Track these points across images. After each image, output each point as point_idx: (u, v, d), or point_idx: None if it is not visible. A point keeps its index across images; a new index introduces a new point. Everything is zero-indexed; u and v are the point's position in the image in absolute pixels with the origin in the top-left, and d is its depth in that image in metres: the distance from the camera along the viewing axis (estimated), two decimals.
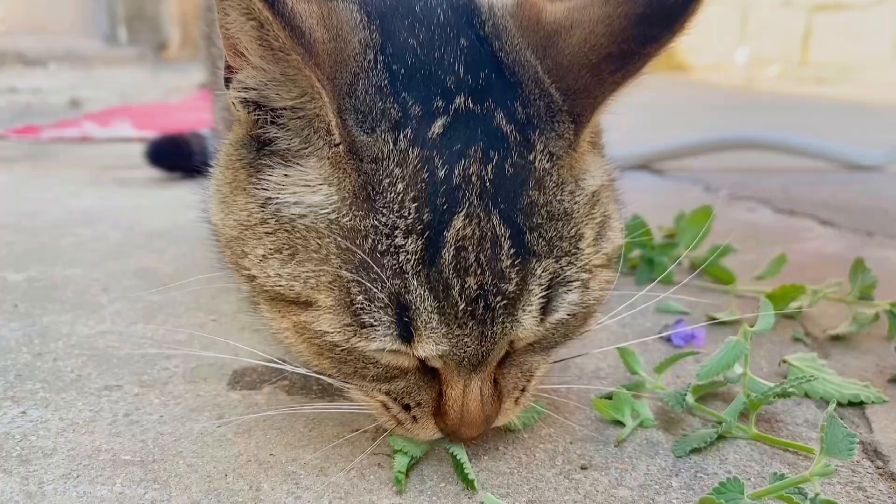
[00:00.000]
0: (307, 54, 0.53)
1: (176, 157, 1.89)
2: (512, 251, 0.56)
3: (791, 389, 0.70)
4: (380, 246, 0.55)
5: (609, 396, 0.77)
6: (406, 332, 0.56)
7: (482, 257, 0.55)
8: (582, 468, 0.66)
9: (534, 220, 0.57)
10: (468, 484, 0.63)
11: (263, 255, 0.60)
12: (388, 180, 0.55)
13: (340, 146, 0.56)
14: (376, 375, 0.62)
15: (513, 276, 0.56)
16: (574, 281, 0.59)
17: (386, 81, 0.58)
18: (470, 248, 0.55)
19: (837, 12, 5.85)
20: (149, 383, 0.81)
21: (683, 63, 6.63)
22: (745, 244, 1.22)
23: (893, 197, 1.87)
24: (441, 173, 0.55)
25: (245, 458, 0.67)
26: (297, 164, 0.59)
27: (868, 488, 0.63)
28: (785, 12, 6.08)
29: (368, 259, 0.55)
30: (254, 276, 0.61)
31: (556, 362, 0.70)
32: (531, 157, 0.58)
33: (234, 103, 0.60)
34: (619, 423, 0.73)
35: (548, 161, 0.59)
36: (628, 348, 0.79)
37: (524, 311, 0.57)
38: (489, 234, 0.55)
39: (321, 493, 0.62)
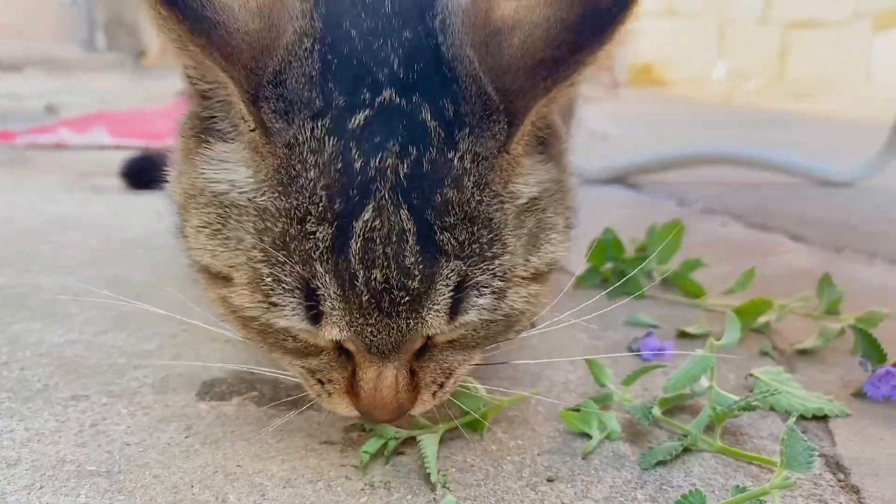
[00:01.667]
0: (210, 45, 0.54)
1: (152, 174, 1.87)
2: (418, 248, 0.56)
3: (755, 402, 0.71)
4: (291, 230, 0.56)
5: (577, 408, 0.77)
6: (313, 316, 0.57)
7: (388, 250, 0.56)
8: (548, 480, 0.67)
9: (446, 219, 0.57)
10: (427, 479, 0.64)
11: (197, 227, 0.62)
12: (300, 166, 0.56)
13: (256, 131, 0.58)
14: (294, 349, 0.63)
15: (416, 273, 0.56)
16: (487, 287, 0.59)
17: (316, 71, 0.58)
18: (377, 240, 0.56)
19: (813, 29, 5.95)
20: (117, 393, 0.81)
21: (661, 78, 6.70)
22: (716, 258, 1.24)
23: (864, 213, 1.90)
24: (357, 165, 0.56)
25: (212, 469, 0.67)
26: (227, 142, 0.61)
27: (829, 501, 0.64)
28: (762, 29, 6.16)
29: (279, 242, 0.57)
30: (191, 247, 0.64)
31: (500, 363, 0.74)
32: (451, 156, 0.58)
33: (185, 77, 0.62)
34: (587, 436, 0.73)
35: (471, 161, 0.58)
36: (597, 360, 0.80)
37: (429, 309, 0.57)
38: (397, 227, 0.56)
39: None
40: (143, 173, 1.89)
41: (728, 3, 6.39)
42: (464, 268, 0.58)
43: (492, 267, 0.59)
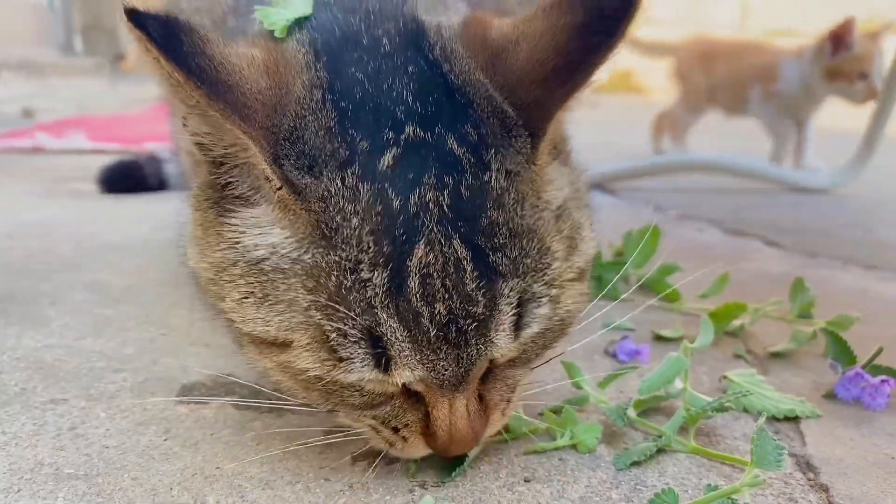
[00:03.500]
0: (229, 108, 0.53)
1: (129, 181, 1.87)
2: (476, 273, 0.56)
3: (728, 404, 0.72)
4: (345, 282, 0.55)
5: (555, 410, 0.78)
6: (382, 362, 0.56)
7: (448, 282, 0.55)
8: (525, 481, 0.67)
9: (496, 240, 0.57)
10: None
11: (239, 299, 0.60)
12: (340, 217, 0.56)
13: (283, 190, 0.56)
14: (362, 403, 0.62)
15: (479, 298, 0.56)
16: (543, 297, 0.60)
17: (334, 121, 0.58)
18: (435, 274, 0.55)
19: (790, 38, 6.01)
20: (96, 397, 0.81)
21: (640, 85, 6.75)
22: (692, 263, 1.25)
23: (837, 219, 1.93)
24: (396, 204, 0.56)
25: (191, 471, 0.67)
26: (252, 207, 0.60)
27: (799, 499, 0.65)
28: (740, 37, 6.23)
29: (335, 296, 0.56)
30: (232, 320, 0.61)
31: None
32: (487, 178, 0.58)
33: (193, 145, 0.60)
34: (564, 437, 0.74)
35: (505, 179, 0.59)
36: (573, 363, 0.81)
37: (496, 331, 0.58)
38: (452, 258, 0.56)
39: None
40: (121, 180, 1.89)
41: (706, 13, 6.46)
42: (522, 283, 0.58)
43: (545, 277, 0.59)
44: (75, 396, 0.81)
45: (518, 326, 0.59)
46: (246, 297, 0.60)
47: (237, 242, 0.60)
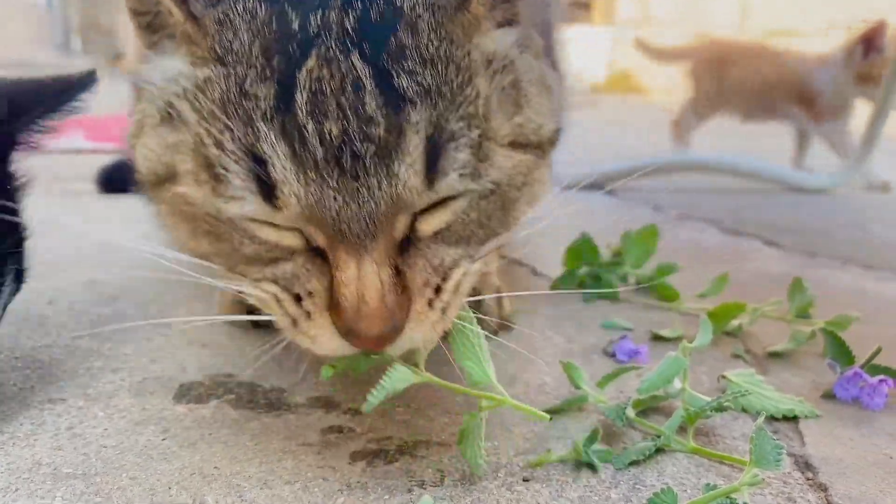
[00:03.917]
0: None
1: (127, 181, 1.87)
2: (377, 92, 0.52)
3: (727, 404, 0.72)
4: (231, 95, 0.54)
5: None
6: (266, 190, 0.53)
7: (343, 100, 0.52)
8: (524, 480, 0.67)
9: (405, 63, 0.53)
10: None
11: (143, 142, 0.61)
12: (233, 35, 0.55)
13: (187, 23, 0.57)
14: (257, 256, 0.58)
15: (380, 119, 0.52)
16: (462, 137, 0.54)
17: None
18: (328, 90, 0.52)
19: (789, 38, 6.02)
20: (94, 396, 0.80)
21: (639, 85, 6.76)
22: (691, 263, 1.26)
23: (837, 219, 1.93)
24: (296, 23, 0.54)
25: (189, 471, 0.67)
26: (167, 45, 0.60)
27: (798, 499, 0.65)
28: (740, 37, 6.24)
29: (219, 110, 0.54)
30: (140, 166, 0.62)
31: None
32: (401, 4, 0.55)
33: (133, 19, 0.61)
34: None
35: (424, 8, 0.56)
36: (572, 363, 0.81)
37: (401, 162, 0.53)
38: (350, 75, 0.52)
39: None
40: (119, 180, 1.89)
41: (705, 13, 6.47)
42: (434, 114, 0.53)
43: (465, 114, 0.54)
44: (73, 396, 0.80)
45: (432, 168, 0.54)
46: (149, 132, 0.60)
47: (152, 81, 0.61)
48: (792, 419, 0.79)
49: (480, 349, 0.64)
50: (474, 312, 0.96)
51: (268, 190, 0.53)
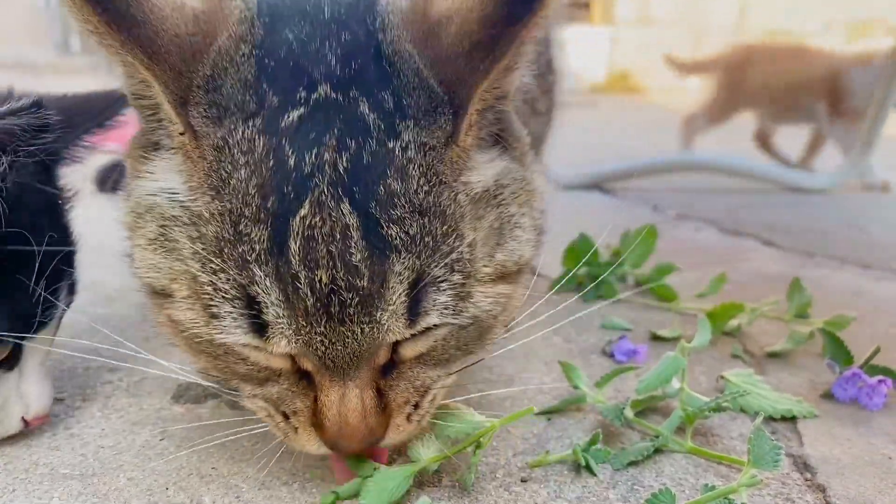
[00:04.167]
0: (131, 41, 0.53)
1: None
2: (364, 243, 0.53)
3: (726, 404, 0.72)
4: (225, 234, 0.54)
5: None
6: (257, 328, 0.54)
7: (332, 249, 0.53)
8: (522, 481, 0.67)
9: (393, 212, 0.54)
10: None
11: (142, 245, 0.60)
12: (230, 167, 0.55)
13: (185, 135, 0.56)
14: (249, 375, 0.60)
15: (364, 271, 0.53)
16: (445, 282, 0.56)
17: (252, 75, 0.57)
18: (320, 238, 0.53)
19: (788, 39, 6.03)
20: (91, 397, 0.80)
21: (639, 85, 6.76)
22: (689, 263, 1.25)
23: (834, 219, 1.93)
24: (291, 162, 0.54)
25: (187, 471, 0.67)
26: (162, 152, 0.60)
27: (796, 499, 0.65)
28: (737, 37, 6.24)
29: (214, 248, 0.54)
30: (136, 268, 0.62)
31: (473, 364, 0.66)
32: (392, 146, 0.55)
33: (125, 88, 0.61)
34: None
35: (416, 151, 0.56)
36: (571, 363, 0.81)
37: (384, 310, 0.54)
38: (340, 223, 0.53)
39: None
40: (118, 179, 1.88)
41: (704, 12, 6.47)
42: (418, 263, 0.54)
43: (449, 261, 0.56)
44: (71, 396, 0.80)
45: (414, 311, 0.55)
46: (148, 244, 0.60)
47: (146, 187, 0.60)
48: (790, 419, 0.79)
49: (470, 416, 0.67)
50: None
51: (258, 327, 0.55)
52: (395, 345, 0.59)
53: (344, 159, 0.54)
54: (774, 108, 2.71)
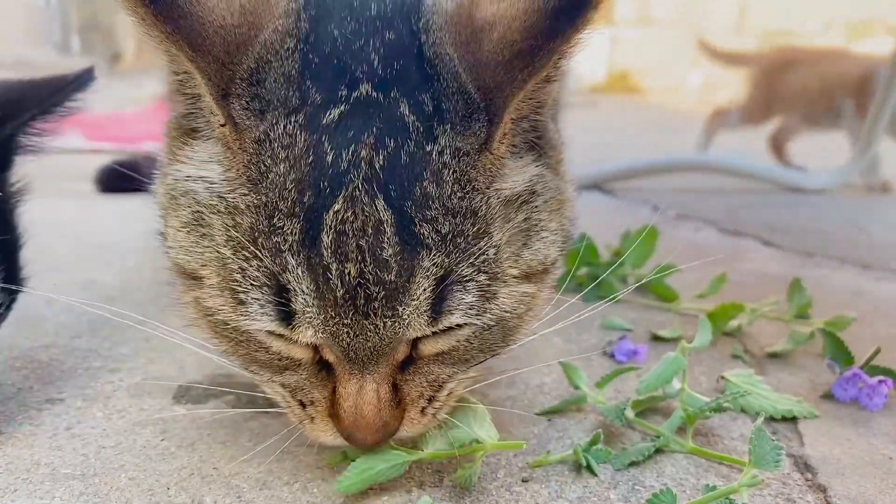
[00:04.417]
0: (176, 33, 0.54)
1: (126, 181, 1.87)
2: (396, 239, 0.54)
3: (726, 404, 0.72)
4: (259, 225, 0.55)
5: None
6: (284, 314, 0.56)
7: (363, 243, 0.54)
8: (523, 481, 0.67)
9: (427, 212, 0.55)
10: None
11: (175, 227, 0.61)
12: (270, 162, 0.56)
13: (226, 127, 0.57)
14: (269, 363, 0.61)
15: (394, 265, 0.54)
16: (472, 282, 0.57)
17: (296, 70, 0.58)
18: (350, 232, 0.54)
19: (787, 39, 6.04)
20: (92, 397, 0.80)
21: (639, 86, 6.76)
22: (689, 263, 1.25)
23: (833, 219, 1.94)
24: (329, 158, 0.55)
25: (188, 471, 0.67)
26: (203, 139, 0.61)
27: (797, 499, 0.65)
28: (737, 38, 6.25)
29: (247, 238, 0.56)
30: (168, 247, 0.63)
31: (498, 376, 0.69)
32: (430, 149, 0.56)
33: (169, 72, 0.61)
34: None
35: (451, 156, 0.57)
36: (571, 363, 0.81)
37: (408, 306, 0.55)
38: (373, 219, 0.54)
39: None
40: (117, 180, 1.88)
41: (704, 13, 6.48)
42: (446, 261, 0.55)
43: (477, 261, 0.57)
44: (72, 396, 0.80)
45: (437, 309, 0.56)
46: (182, 227, 0.61)
47: (182, 171, 0.61)
48: (791, 420, 0.79)
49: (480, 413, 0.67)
50: None
51: (285, 315, 0.56)
52: (416, 342, 0.60)
53: (380, 157, 0.55)
54: (809, 111, 2.69)
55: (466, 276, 0.57)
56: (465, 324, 0.59)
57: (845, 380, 0.84)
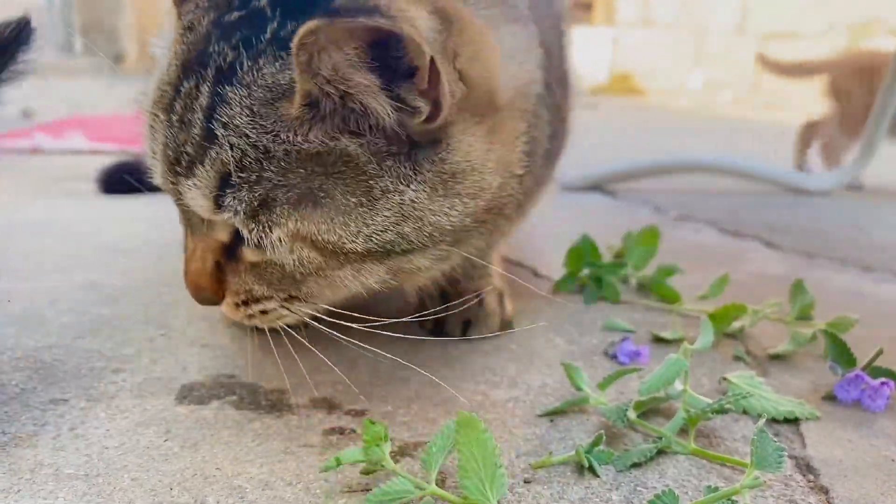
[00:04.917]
0: None
1: (128, 182, 1.87)
2: (203, 123, 0.65)
3: (728, 406, 0.72)
4: (159, 88, 0.70)
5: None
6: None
7: (189, 117, 0.66)
8: (525, 482, 0.67)
9: (234, 119, 0.64)
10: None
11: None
12: (182, 42, 0.70)
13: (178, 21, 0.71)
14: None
15: (195, 140, 0.65)
16: (245, 199, 0.65)
17: None
18: (188, 107, 0.66)
19: (788, 40, 6.03)
20: (95, 397, 0.80)
21: (639, 87, 6.76)
22: (691, 264, 1.25)
23: (835, 220, 1.93)
24: (210, 48, 0.66)
25: (191, 471, 0.67)
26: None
27: (799, 501, 0.65)
28: (738, 39, 6.24)
29: (152, 96, 0.70)
30: None
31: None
32: (265, 67, 0.64)
33: None
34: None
35: (270, 90, 0.64)
36: (573, 364, 0.81)
37: (194, 182, 0.66)
38: (200, 101, 0.65)
39: None
40: (120, 180, 1.88)
41: (705, 14, 6.47)
42: (228, 161, 0.64)
43: (257, 185, 0.64)
44: (75, 397, 0.80)
45: (219, 203, 0.65)
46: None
47: (158, 44, 0.77)
48: (793, 421, 0.79)
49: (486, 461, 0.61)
50: (476, 313, 0.97)
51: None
52: (238, 245, 0.70)
53: (230, 56, 0.65)
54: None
55: (243, 190, 0.65)
56: (264, 248, 0.67)
57: (847, 381, 0.84)
